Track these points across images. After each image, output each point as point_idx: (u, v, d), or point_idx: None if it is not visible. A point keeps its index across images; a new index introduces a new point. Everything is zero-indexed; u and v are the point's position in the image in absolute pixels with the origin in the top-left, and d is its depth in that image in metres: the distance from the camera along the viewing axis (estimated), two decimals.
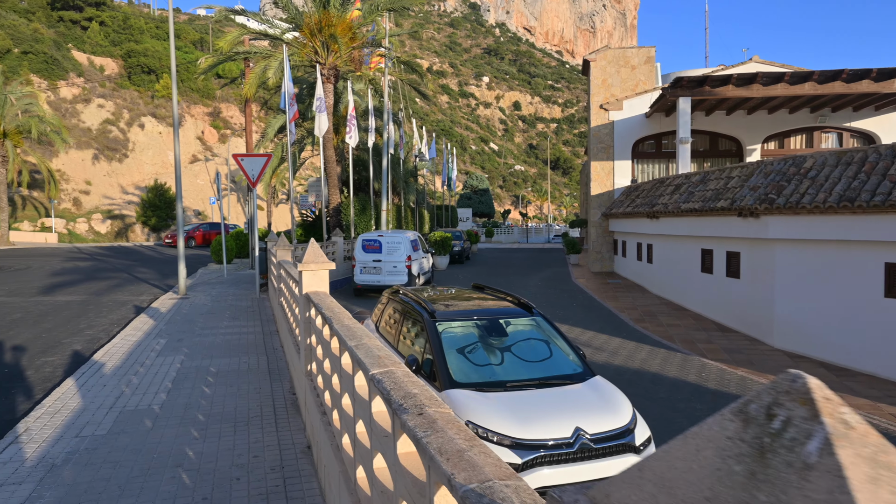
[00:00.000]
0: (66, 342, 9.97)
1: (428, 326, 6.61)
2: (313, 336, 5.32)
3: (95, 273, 22.34)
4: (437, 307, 7.01)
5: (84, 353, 9.02)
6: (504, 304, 7.51)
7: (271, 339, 10.04)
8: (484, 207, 66.55)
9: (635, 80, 24.58)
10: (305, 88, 26.57)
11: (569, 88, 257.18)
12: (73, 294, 16.33)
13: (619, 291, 19.97)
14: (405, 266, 18.36)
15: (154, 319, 11.87)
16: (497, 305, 7.45)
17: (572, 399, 5.82)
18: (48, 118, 42.35)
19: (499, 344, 6.75)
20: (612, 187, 24.88)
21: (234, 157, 15.10)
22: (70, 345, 9.76)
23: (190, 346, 9.25)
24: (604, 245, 25.33)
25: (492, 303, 7.60)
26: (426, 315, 6.80)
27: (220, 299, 15.14)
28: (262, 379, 7.34)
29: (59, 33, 74.11)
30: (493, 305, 7.47)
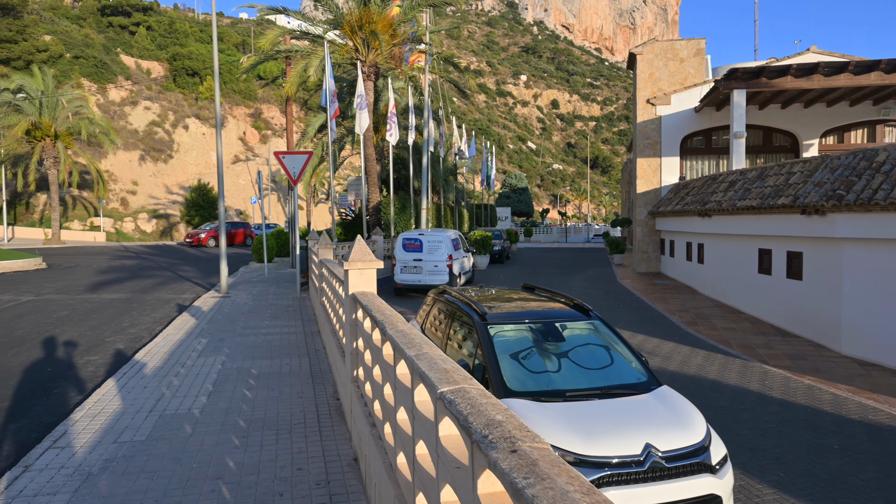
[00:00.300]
0: (109, 340, 9.91)
1: (479, 329, 6.21)
2: (360, 340, 4.97)
3: (140, 271, 22.66)
4: (487, 309, 6.60)
5: (126, 353, 8.91)
6: (558, 306, 7.05)
7: (313, 339, 9.78)
8: (523, 206, 65.78)
9: (684, 73, 23.67)
10: (345, 87, 26.48)
11: (608, 86, 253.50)
12: (118, 292, 16.49)
13: (668, 293, 19.19)
14: (446, 265, 18.00)
15: (196, 318, 11.78)
16: (551, 307, 7.00)
17: (639, 411, 5.33)
18: (97, 120, 43.52)
19: (555, 349, 6.29)
20: (659, 185, 24.03)
21: (276, 155, 14.98)
22: (113, 343, 9.69)
23: (231, 347, 9.06)
24: (650, 244, 24.49)
25: (545, 305, 7.14)
26: (476, 317, 6.39)
27: (261, 298, 15.04)
28: (305, 382, 7.06)
29: (109, 38, 76.37)
30: (546, 307, 7.01)
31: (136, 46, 76.94)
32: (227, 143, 69.05)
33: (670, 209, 20.86)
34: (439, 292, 7.97)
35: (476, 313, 6.47)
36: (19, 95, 38.70)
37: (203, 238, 40.09)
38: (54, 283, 18.30)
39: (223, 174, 15.79)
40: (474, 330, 6.34)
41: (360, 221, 27.13)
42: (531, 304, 7.20)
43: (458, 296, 7.38)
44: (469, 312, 6.61)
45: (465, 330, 6.65)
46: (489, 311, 6.50)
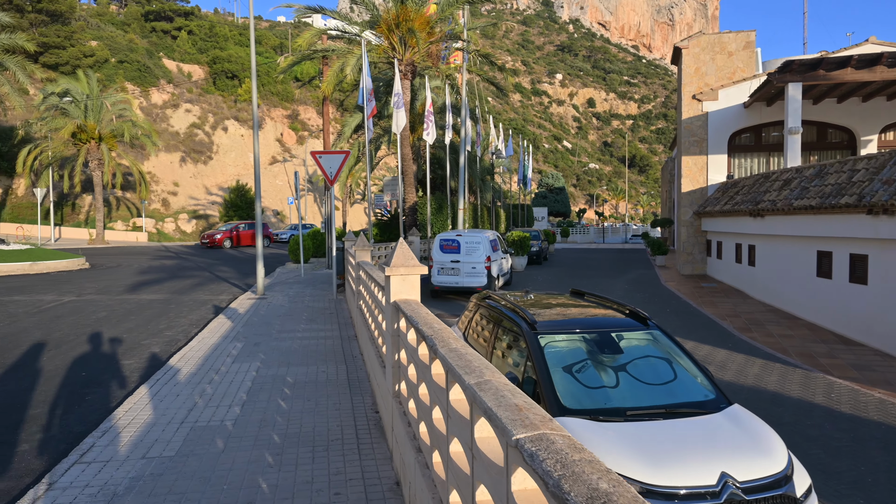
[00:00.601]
0: (145, 343, 9.77)
1: (528, 339, 5.74)
2: (403, 352, 4.57)
3: (179, 272, 22.82)
4: (536, 316, 6.13)
5: (161, 357, 8.73)
6: (612, 313, 6.53)
7: (350, 345, 9.45)
8: (559, 206, 64.77)
9: (732, 67, 22.69)
10: (382, 86, 26.26)
11: (645, 84, 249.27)
12: (156, 292, 16.53)
13: (716, 296, 18.35)
14: (484, 267, 17.55)
15: (232, 321, 11.59)
16: (604, 315, 6.49)
17: (711, 434, 4.79)
18: (140, 122, 44.42)
19: (612, 362, 5.79)
20: (706, 183, 23.09)
21: (312, 155, 14.76)
22: (149, 347, 9.54)
23: (266, 352, 8.79)
24: (695, 246, 23.57)
25: (597, 312, 6.63)
26: (525, 325, 5.93)
27: (297, 300, 14.83)
28: (342, 392, 6.70)
29: (152, 43, 78.22)
30: (599, 315, 6.51)
31: (177, 50, 78.65)
32: (264, 145, 69.89)
33: (718, 209, 19.98)
34: (482, 297, 7.54)
35: (524, 321, 6.02)
36: (66, 99, 39.70)
37: (219, 239, 38.57)
38: (96, 284, 18.49)
39: (260, 175, 15.65)
40: (522, 339, 5.89)
41: (395, 222, 26.89)
42: (582, 312, 6.70)
43: (504, 301, 6.93)
44: (516, 320, 6.15)
45: (512, 339, 6.20)
46: (538, 319, 6.03)
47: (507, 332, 6.35)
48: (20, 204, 48.10)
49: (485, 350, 6.67)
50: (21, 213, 47.19)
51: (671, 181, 47.66)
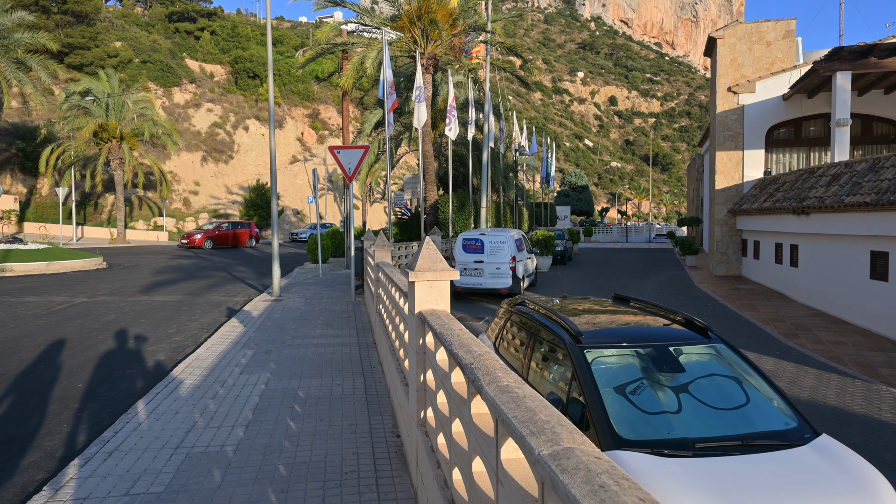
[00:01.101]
0: (151, 350, 9.15)
1: (573, 354, 4.94)
2: (430, 373, 3.82)
3: (196, 271, 22.37)
4: (580, 326, 5.32)
5: (166, 365, 8.09)
6: (665, 323, 5.71)
7: (368, 353, 8.73)
8: (582, 205, 63.55)
9: (770, 58, 21.56)
10: (402, 82, 25.55)
11: (668, 81, 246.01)
12: (170, 294, 16.01)
13: (755, 299, 17.31)
14: (509, 268, 16.74)
15: (244, 325, 10.95)
16: (657, 324, 5.67)
17: (800, 474, 3.94)
18: (161, 122, 44.34)
19: (671, 381, 4.96)
20: (741, 180, 21.99)
21: (330, 150, 14.10)
22: (154, 354, 8.92)
23: (278, 361, 8.10)
24: (730, 245, 22.47)
25: (648, 321, 5.81)
26: (568, 338, 5.13)
27: (313, 302, 14.18)
28: (359, 410, 5.97)
29: (175, 43, 78.65)
30: (650, 324, 5.69)
31: (200, 51, 78.95)
32: (284, 144, 69.75)
33: (756, 207, 18.92)
34: (515, 303, 6.75)
35: (567, 332, 5.22)
36: (87, 98, 39.72)
37: (199, 240, 35.83)
38: (110, 284, 18.06)
39: (276, 171, 15.03)
40: (565, 353, 5.09)
41: (416, 221, 26.17)
42: (630, 321, 5.88)
43: (540, 308, 6.14)
44: (557, 331, 5.36)
45: (553, 352, 5.41)
46: (583, 330, 5.23)
47: (546, 345, 5.56)
48: (44, 203, 48.40)
49: (520, 365, 5.89)
50: (45, 213, 47.46)
51: (699, 179, 46.27)
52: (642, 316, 5.97)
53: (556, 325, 5.47)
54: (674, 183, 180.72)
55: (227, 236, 37.50)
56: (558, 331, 5.33)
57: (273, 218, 14.88)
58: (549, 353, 5.47)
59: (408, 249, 16.95)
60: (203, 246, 35.69)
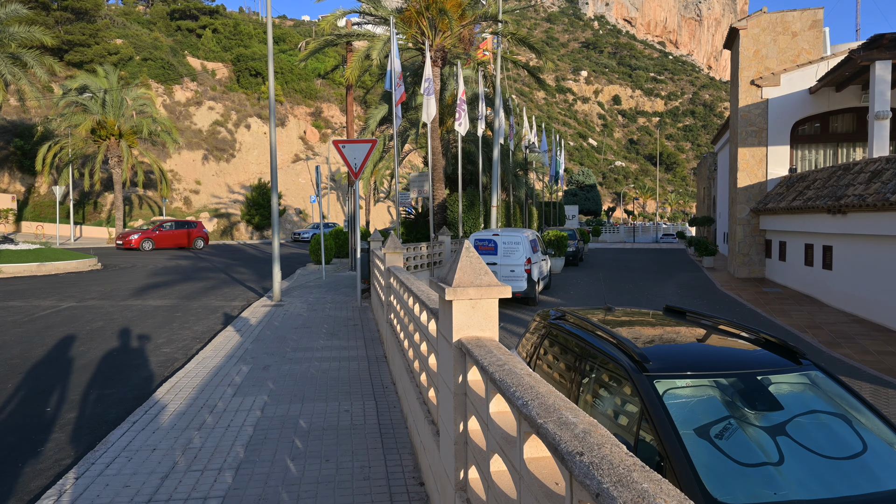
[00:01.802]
0: (136, 364, 8.20)
1: (639, 385, 3.94)
2: (474, 421, 2.85)
3: (193, 273, 21.43)
4: (644, 348, 4.33)
5: (150, 384, 7.13)
6: (742, 343, 4.72)
7: (379, 368, 7.76)
8: (590, 204, 62.48)
9: (796, 49, 20.54)
10: (408, 76, 24.60)
11: (672, 80, 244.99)
12: (164, 297, 15.06)
13: (785, 303, 16.30)
14: (524, 270, 15.76)
15: (241, 334, 9.99)
16: (732, 345, 4.68)
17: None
18: (160, 119, 43.42)
19: (765, 421, 3.96)
20: (765, 178, 20.97)
21: (335, 144, 13.14)
22: (139, 368, 7.97)
23: (277, 379, 7.13)
24: (752, 246, 21.45)
25: (719, 340, 4.82)
26: (629, 363, 4.13)
27: (317, 307, 13.22)
28: (372, 446, 4.99)
29: (177, 41, 77.83)
30: (724, 345, 4.71)
31: (202, 49, 78.13)
32: (287, 143, 68.87)
33: (784, 206, 17.91)
34: (552, 316, 5.75)
35: (626, 355, 4.22)
36: (85, 95, 38.82)
37: (135, 240, 32.47)
38: (102, 287, 17.13)
39: (276, 168, 14.07)
40: (627, 383, 4.10)
41: (422, 221, 25.21)
42: (697, 340, 4.90)
43: (585, 323, 5.16)
44: (613, 354, 4.35)
45: (610, 381, 4.42)
46: (650, 354, 4.23)
47: (600, 371, 4.56)
48: (42, 202, 47.54)
49: (565, 391, 4.91)
50: (43, 212, 46.60)
51: (710, 178, 45.21)
52: (710, 334, 4.98)
53: (611, 346, 4.48)
54: (678, 182, 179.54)
55: (170, 237, 34.12)
56: (615, 354, 4.33)
57: (273, 217, 13.92)
58: (605, 382, 4.48)
59: (416, 251, 15.98)
60: (141, 247, 32.52)
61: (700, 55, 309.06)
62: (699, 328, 5.17)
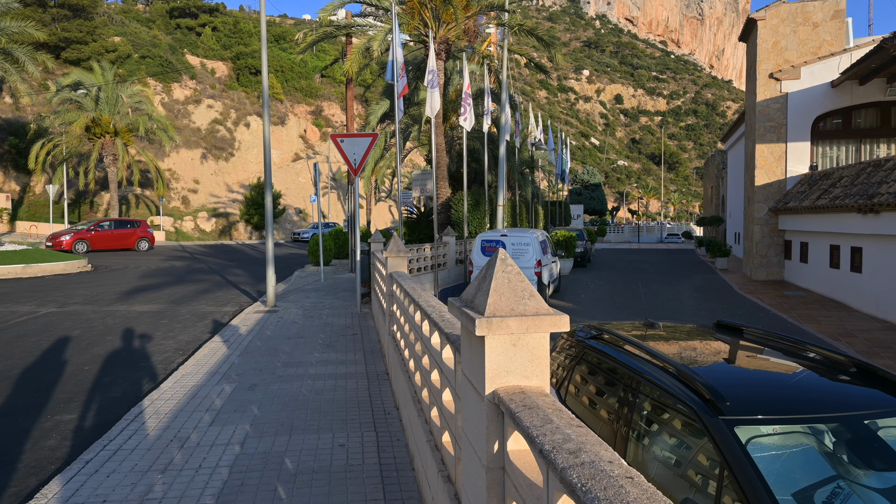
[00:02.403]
0: (105, 383, 7.29)
1: (714, 432, 3.00)
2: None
3: (187, 275, 20.53)
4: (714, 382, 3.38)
5: (117, 409, 6.22)
6: (830, 372, 3.79)
7: (380, 388, 6.84)
8: (595, 204, 61.50)
9: (817, 41, 19.60)
10: (410, 70, 23.66)
11: (674, 80, 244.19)
12: (152, 302, 14.16)
13: (811, 308, 15.37)
14: (534, 273, 14.85)
15: (228, 346, 9.07)
16: (819, 374, 3.75)
17: None
18: (156, 116, 42.51)
19: (882, 483, 3.05)
20: (784, 175, 20.03)
21: (333, 139, 12.23)
22: (108, 389, 7.06)
23: (263, 403, 6.21)
24: (771, 247, 20.51)
25: (799, 368, 3.88)
26: (697, 402, 3.19)
27: (313, 314, 12.31)
28: (371, 496, 4.08)
29: (176, 39, 76.96)
30: (810, 376, 3.77)
31: (201, 47, 77.22)
32: (287, 141, 68.00)
33: (807, 204, 16.97)
34: (588, 336, 4.84)
35: (692, 391, 3.30)
36: (80, 91, 37.93)
37: (66, 242, 28.60)
38: (88, 290, 16.23)
39: (270, 162, 13.15)
40: (696, 426, 3.17)
41: (424, 220, 24.29)
42: (771, 367, 3.98)
43: (629, 346, 4.25)
44: (672, 389, 3.42)
45: (668, 422, 3.51)
46: (721, 390, 3.30)
47: (656, 409, 3.65)
48: (37, 202, 46.67)
49: (608, 433, 3.97)
50: (38, 212, 45.73)
51: (718, 176, 44.24)
52: (784, 359, 4.05)
53: (668, 377, 3.54)
54: (680, 182, 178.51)
55: (108, 238, 30.56)
56: (676, 389, 3.40)
57: (267, 216, 13.00)
58: (665, 423, 3.56)
59: (420, 252, 15.08)
60: (74, 249, 28.51)
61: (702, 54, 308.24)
62: (767, 351, 4.23)
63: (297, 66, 76.25)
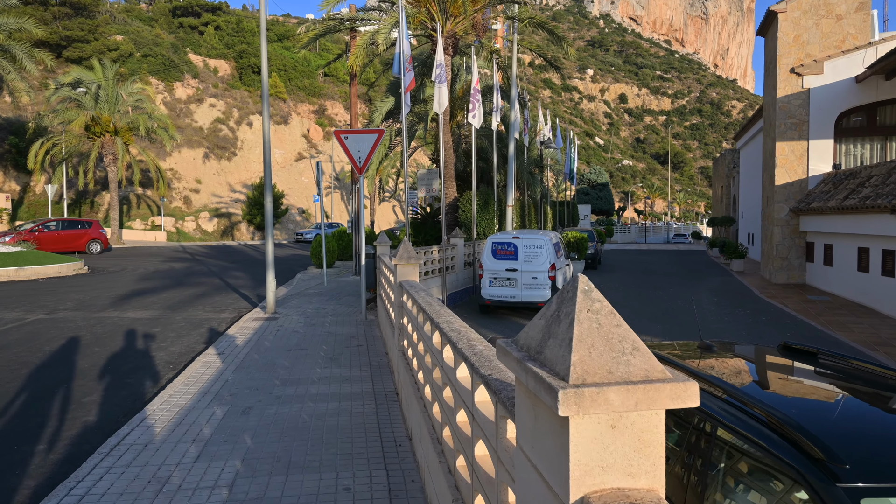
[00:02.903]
0: (85, 403, 6.59)
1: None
2: None
3: (186, 277, 19.84)
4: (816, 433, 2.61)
5: (91, 439, 5.50)
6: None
7: (389, 412, 6.11)
8: (602, 204, 60.63)
9: (841, 34, 18.80)
10: (416, 66, 22.92)
11: (679, 79, 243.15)
12: (147, 307, 13.46)
13: (839, 314, 14.58)
14: (548, 277, 14.10)
15: (223, 360, 8.35)
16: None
17: None
18: (157, 115, 41.85)
19: None
20: (805, 174, 19.24)
21: (336, 135, 11.52)
22: (87, 410, 6.35)
23: (257, 431, 5.48)
24: (791, 249, 19.72)
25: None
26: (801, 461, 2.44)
27: (315, 321, 11.59)
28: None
29: (179, 38, 76.41)
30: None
31: (204, 46, 76.65)
32: (290, 141, 67.37)
33: (833, 205, 16.18)
34: None
35: (795, 448, 2.56)
36: (79, 90, 37.30)
37: (9, 242, 25.33)
38: (82, 294, 15.54)
39: (270, 160, 12.43)
40: (803, 491, 2.45)
41: (430, 221, 23.56)
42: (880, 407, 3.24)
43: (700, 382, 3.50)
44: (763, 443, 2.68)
45: (762, 484, 2.79)
46: (835, 448, 2.54)
47: (739, 463, 2.93)
48: (38, 202, 46.09)
49: (675, 486, 3.24)
50: (38, 212, 45.13)
51: (729, 176, 43.40)
52: (889, 394, 3.31)
53: (755, 424, 2.81)
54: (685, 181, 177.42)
55: (55, 239, 27.81)
56: (770, 442, 2.65)
57: (267, 216, 12.28)
58: (753, 485, 2.83)
59: (427, 255, 14.35)
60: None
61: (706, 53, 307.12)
62: (863, 384, 3.49)
63: (301, 66, 75.63)
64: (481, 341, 3.13)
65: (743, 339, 11.69)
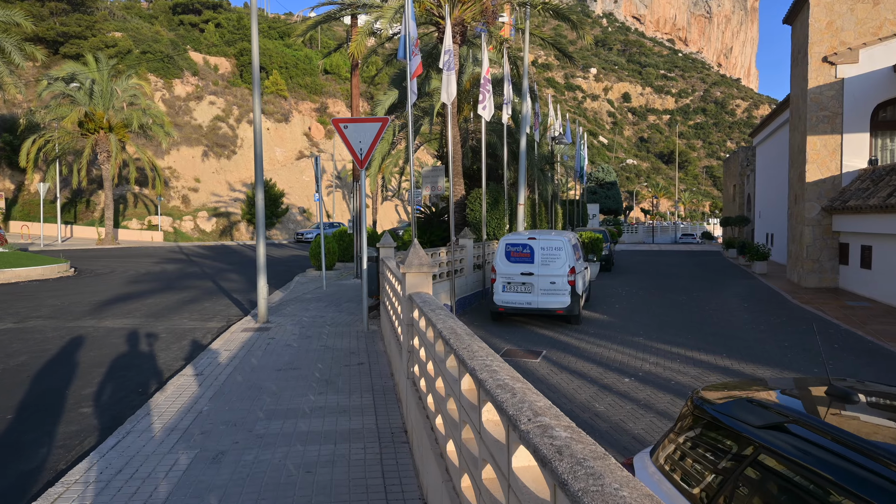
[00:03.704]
0: (25, 441, 5.37)
1: None
2: None
3: (176, 280, 18.62)
4: None
5: (11, 501, 4.26)
6: None
7: (396, 456, 4.87)
8: (611, 203, 59.31)
9: (878, 19, 17.52)
10: (422, 57, 21.68)
11: (682, 78, 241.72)
12: (128, 315, 12.25)
13: (886, 322, 13.31)
14: (567, 282, 12.85)
15: (200, 384, 7.12)
16: None
17: None
18: (152, 111, 40.65)
19: None
20: (839, 171, 17.96)
21: (335, 124, 10.31)
22: (19, 457, 5.11)
23: (228, 490, 4.23)
24: (823, 251, 18.44)
25: None
26: None
27: (311, 332, 10.36)
28: None
29: (179, 35, 75.30)
30: None
31: (204, 43, 75.51)
32: (291, 139, 66.20)
33: (874, 203, 14.91)
34: (761, 423, 2.85)
35: None
36: (72, 85, 36.12)
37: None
38: (60, 300, 14.34)
39: (262, 153, 11.20)
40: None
41: (435, 220, 22.32)
42: None
43: (837, 449, 2.27)
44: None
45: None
46: None
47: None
48: (32, 201, 44.97)
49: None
50: (33, 211, 44.02)
51: (742, 174, 42.11)
52: None
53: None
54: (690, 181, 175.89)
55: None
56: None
57: (258, 216, 11.05)
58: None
59: (435, 258, 13.12)
60: None
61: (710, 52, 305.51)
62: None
63: (302, 63, 74.47)
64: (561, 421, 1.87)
65: (787, 353, 10.42)
